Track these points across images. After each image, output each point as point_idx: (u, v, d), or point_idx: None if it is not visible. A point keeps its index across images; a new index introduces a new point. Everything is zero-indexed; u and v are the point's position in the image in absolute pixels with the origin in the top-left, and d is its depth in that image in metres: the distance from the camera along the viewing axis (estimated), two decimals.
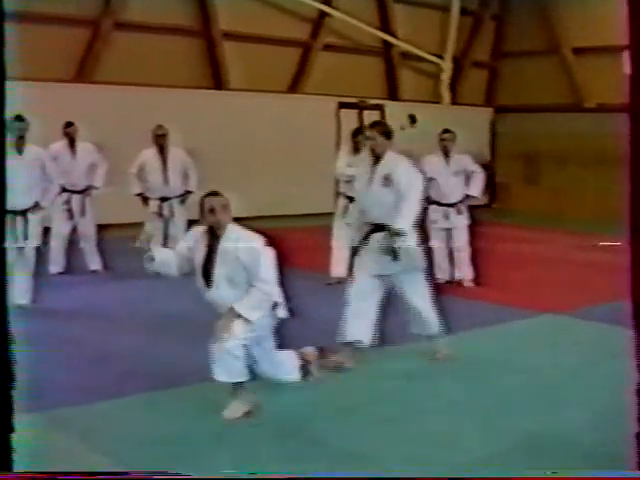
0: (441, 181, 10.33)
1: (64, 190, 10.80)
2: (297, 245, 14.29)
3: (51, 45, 14.92)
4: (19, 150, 8.88)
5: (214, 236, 5.55)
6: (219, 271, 5.51)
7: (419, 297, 6.91)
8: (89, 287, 10.39)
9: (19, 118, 8.82)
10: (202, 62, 17.32)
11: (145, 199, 11.22)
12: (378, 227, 6.73)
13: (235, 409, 5.56)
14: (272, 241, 5.65)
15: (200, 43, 17.30)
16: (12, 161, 8.41)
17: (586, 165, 19.42)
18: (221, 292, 5.53)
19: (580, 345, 7.83)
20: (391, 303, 7.02)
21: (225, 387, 5.55)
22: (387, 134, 6.82)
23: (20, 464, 2.92)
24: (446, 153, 10.40)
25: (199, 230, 5.72)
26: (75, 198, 11.07)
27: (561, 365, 7.04)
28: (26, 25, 14.65)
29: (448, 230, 10.53)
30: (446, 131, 10.49)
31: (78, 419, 5.36)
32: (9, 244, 8.64)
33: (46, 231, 10.40)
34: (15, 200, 8.63)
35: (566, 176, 20.07)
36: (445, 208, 10.44)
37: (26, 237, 8.88)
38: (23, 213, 8.87)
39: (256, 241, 5.52)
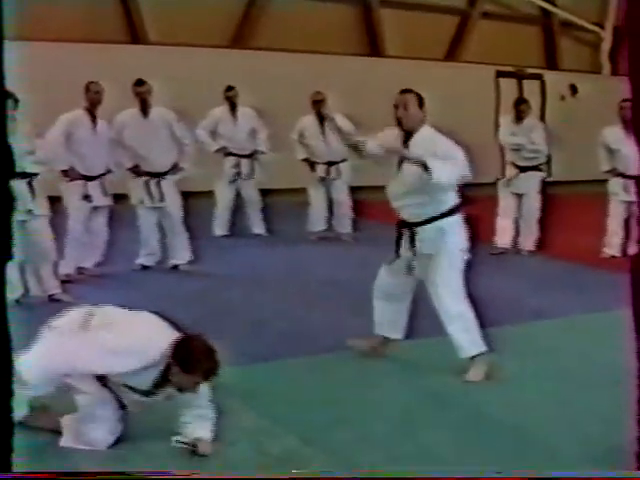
0: (628, 153, 9.49)
1: (231, 154, 11.08)
2: None
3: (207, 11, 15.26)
4: (144, 113, 8.82)
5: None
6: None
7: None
8: (252, 250, 10.47)
9: (139, 82, 8.78)
10: (359, 29, 17.29)
11: (312, 164, 11.16)
12: None
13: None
14: None
15: (357, 10, 17.26)
16: (137, 124, 8.75)
17: None
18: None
19: None
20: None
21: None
22: None
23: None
24: (626, 123, 9.69)
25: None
26: (244, 162, 11.17)
27: None
28: None
29: (629, 203, 9.88)
30: (627, 100, 9.99)
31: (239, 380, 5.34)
32: (147, 204, 8.90)
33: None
34: (148, 162, 8.81)
35: None
36: (626, 180, 9.85)
37: (162, 198, 8.90)
38: (158, 175, 8.86)
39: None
